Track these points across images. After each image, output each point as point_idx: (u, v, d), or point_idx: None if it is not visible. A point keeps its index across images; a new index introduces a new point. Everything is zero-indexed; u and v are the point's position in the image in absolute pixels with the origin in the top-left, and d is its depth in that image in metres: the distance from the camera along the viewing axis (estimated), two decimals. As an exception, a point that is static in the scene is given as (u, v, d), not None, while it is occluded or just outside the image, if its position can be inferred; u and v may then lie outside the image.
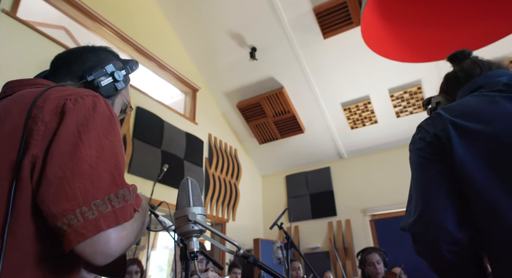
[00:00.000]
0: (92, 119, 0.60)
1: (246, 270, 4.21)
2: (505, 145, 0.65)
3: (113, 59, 0.83)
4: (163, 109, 4.40)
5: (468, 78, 0.87)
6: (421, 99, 4.77)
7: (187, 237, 0.65)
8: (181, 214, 0.65)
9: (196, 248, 0.66)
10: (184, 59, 5.14)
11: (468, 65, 0.89)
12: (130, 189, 0.59)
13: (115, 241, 0.54)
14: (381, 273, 2.48)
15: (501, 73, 0.81)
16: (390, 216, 5.04)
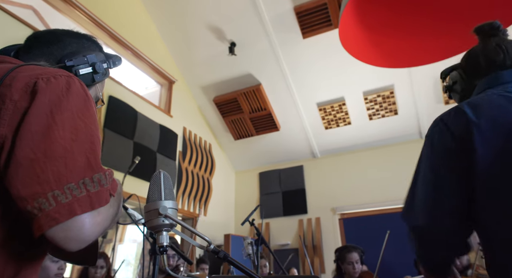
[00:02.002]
0: (66, 100, 0.57)
1: (215, 265, 4.20)
2: None
3: (96, 50, 0.80)
4: (137, 100, 4.28)
5: (489, 65, 0.81)
6: (393, 103, 4.94)
7: (157, 231, 0.64)
8: (152, 207, 0.64)
9: (166, 242, 0.65)
10: (161, 49, 5.02)
11: (491, 48, 0.83)
12: (106, 173, 0.57)
13: (89, 227, 0.52)
14: (358, 272, 2.54)
15: None
16: (358, 215, 5.20)
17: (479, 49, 0.85)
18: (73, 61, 0.72)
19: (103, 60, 0.78)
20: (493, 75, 0.79)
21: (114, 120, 3.76)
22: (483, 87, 0.80)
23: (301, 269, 5.06)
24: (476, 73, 0.84)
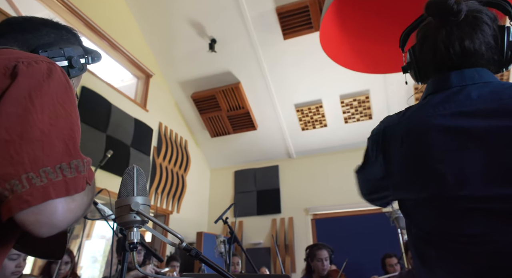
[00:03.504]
0: (47, 86, 0.55)
1: (186, 263, 4.16)
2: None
3: (75, 44, 0.77)
4: (111, 92, 4.15)
5: (437, 61, 0.76)
6: (368, 108, 5.09)
7: (127, 227, 0.63)
8: (123, 203, 0.62)
9: (137, 239, 0.63)
10: (140, 42, 4.90)
11: (442, 45, 0.74)
12: (84, 160, 0.56)
13: (62, 212, 0.50)
14: (326, 269, 2.60)
15: (478, 77, 0.71)
16: (330, 216, 5.32)
17: (431, 37, 0.77)
18: (47, 52, 0.69)
19: (81, 54, 0.76)
20: (440, 78, 0.75)
21: (86, 112, 3.63)
22: (429, 90, 0.76)
23: (272, 268, 5.11)
24: (426, 66, 0.80)
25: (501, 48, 0.72)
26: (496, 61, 0.74)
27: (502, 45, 0.72)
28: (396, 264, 3.25)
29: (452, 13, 0.71)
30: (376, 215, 4.74)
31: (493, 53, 0.73)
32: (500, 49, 0.72)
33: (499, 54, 0.73)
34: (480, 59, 0.73)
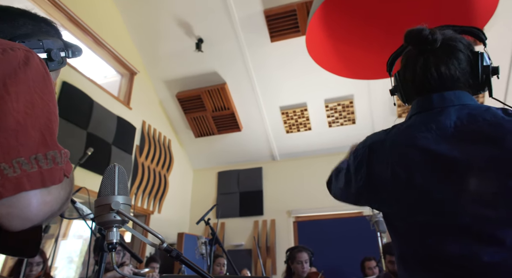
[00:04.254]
0: (23, 74, 0.53)
1: (166, 264, 4.10)
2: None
3: (55, 37, 0.73)
4: (94, 88, 4.05)
5: (419, 87, 0.82)
6: (351, 113, 5.17)
7: (107, 227, 0.61)
8: (103, 202, 0.61)
9: (116, 239, 0.62)
10: (125, 38, 4.81)
11: (422, 72, 0.81)
12: (62, 151, 0.54)
13: (37, 205, 0.47)
14: (306, 271, 2.62)
15: (456, 99, 0.76)
16: (312, 219, 5.36)
17: (411, 64, 0.83)
18: (25, 43, 0.66)
19: (61, 48, 0.72)
20: (423, 99, 0.80)
21: (66, 108, 3.53)
22: (413, 111, 0.82)
23: (253, 270, 5.10)
24: (408, 87, 0.86)
25: (476, 72, 0.78)
26: (472, 85, 0.79)
27: (476, 70, 0.78)
28: (375, 267, 3.31)
29: (428, 42, 0.79)
30: (357, 219, 4.81)
31: (469, 77, 0.79)
32: (475, 73, 0.78)
33: (474, 78, 0.79)
34: (457, 83, 0.78)
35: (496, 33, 4.09)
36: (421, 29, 0.80)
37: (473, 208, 0.66)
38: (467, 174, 0.67)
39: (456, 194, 0.68)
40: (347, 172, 0.88)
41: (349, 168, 0.87)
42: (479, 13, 2.31)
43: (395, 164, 0.75)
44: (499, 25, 4.03)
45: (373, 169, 0.79)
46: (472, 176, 0.67)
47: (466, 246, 0.66)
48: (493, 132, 0.67)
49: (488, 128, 0.68)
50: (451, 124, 0.72)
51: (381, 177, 0.77)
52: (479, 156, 0.67)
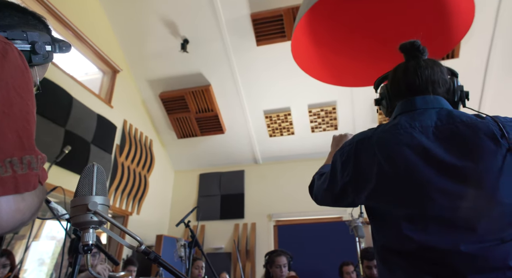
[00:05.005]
0: (0, 68, 0.49)
1: (143, 266, 4.02)
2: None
3: (43, 31, 0.70)
4: (74, 85, 3.94)
5: (406, 89, 0.92)
6: (334, 119, 5.25)
7: (83, 228, 0.59)
8: (80, 202, 0.59)
9: (92, 240, 0.60)
10: (108, 35, 4.72)
11: (410, 72, 0.92)
12: (39, 156, 0.51)
13: (8, 212, 0.44)
14: (284, 275, 2.63)
15: (437, 103, 0.86)
16: (292, 223, 5.39)
17: (401, 71, 0.95)
18: (7, 33, 0.62)
19: (48, 42, 0.69)
20: (407, 101, 0.90)
21: (44, 104, 3.42)
22: (398, 111, 0.91)
23: (233, 274, 5.07)
24: (397, 94, 0.96)
25: (453, 90, 0.91)
26: (448, 98, 0.91)
27: (453, 87, 0.92)
28: (353, 272, 3.35)
29: (419, 50, 0.94)
30: (336, 224, 4.88)
31: (447, 90, 0.91)
32: (452, 90, 0.91)
33: (451, 95, 0.91)
34: (438, 89, 0.89)
35: (471, 47, 4.27)
36: (414, 40, 0.95)
37: (452, 201, 0.72)
38: (448, 168, 0.74)
39: (438, 187, 0.74)
40: (333, 170, 0.93)
41: (335, 165, 0.91)
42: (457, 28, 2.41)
43: (382, 158, 0.80)
44: (475, 38, 4.21)
45: (360, 164, 0.85)
46: (452, 170, 0.74)
47: (447, 238, 0.71)
48: (469, 131, 0.75)
49: (464, 128, 0.76)
50: (432, 124, 0.80)
51: (368, 171, 0.82)
52: (456, 152, 0.74)
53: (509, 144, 0.71)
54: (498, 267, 0.68)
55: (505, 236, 0.69)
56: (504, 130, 0.73)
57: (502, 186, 0.70)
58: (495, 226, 0.70)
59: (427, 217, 0.74)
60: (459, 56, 4.35)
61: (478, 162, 0.72)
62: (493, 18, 4.04)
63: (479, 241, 0.69)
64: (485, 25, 4.09)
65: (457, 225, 0.72)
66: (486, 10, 3.97)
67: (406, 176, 0.77)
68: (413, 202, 0.76)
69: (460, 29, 2.39)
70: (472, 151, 0.73)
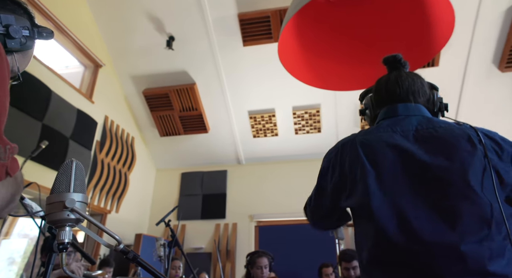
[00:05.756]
0: None
1: (121, 265, 3.93)
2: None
3: (22, 16, 0.65)
4: (53, 78, 3.82)
5: (388, 98, 0.97)
6: (317, 121, 5.31)
7: (59, 225, 0.58)
8: (57, 199, 0.57)
9: (68, 239, 0.58)
10: (91, 29, 4.60)
11: (392, 82, 0.98)
12: (7, 147, 0.48)
13: None
14: (265, 276, 2.63)
15: (417, 110, 0.91)
16: (274, 224, 5.41)
17: (383, 82, 1.00)
18: None
19: (26, 26, 0.64)
20: (389, 107, 0.95)
21: (20, 96, 3.29)
22: (381, 117, 0.96)
23: (212, 274, 5.04)
24: (380, 102, 1.01)
25: (432, 101, 0.97)
26: (429, 108, 0.96)
27: (433, 99, 0.98)
28: (331, 274, 3.39)
29: (400, 62, 1.01)
30: (316, 224, 4.92)
31: (427, 101, 0.97)
32: (432, 101, 0.97)
33: (431, 105, 0.97)
34: (418, 98, 0.95)
35: (450, 56, 4.42)
36: (396, 54, 1.03)
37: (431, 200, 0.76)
38: (427, 168, 0.78)
39: (417, 187, 0.78)
40: (320, 178, 0.95)
41: (323, 173, 0.94)
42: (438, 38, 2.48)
43: (365, 158, 0.84)
44: (454, 48, 4.36)
45: (345, 165, 0.88)
46: (431, 169, 0.78)
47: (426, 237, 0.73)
48: (447, 134, 0.81)
49: (443, 131, 0.82)
50: (412, 128, 0.85)
51: (353, 171, 0.85)
52: (435, 153, 0.79)
53: (485, 149, 0.75)
54: (476, 270, 0.68)
55: (483, 237, 0.70)
56: (480, 137, 0.78)
57: (479, 185, 0.73)
58: (473, 226, 0.71)
59: (407, 217, 0.76)
60: (439, 65, 4.49)
61: (455, 161, 0.76)
62: (471, 29, 4.20)
63: (458, 242, 0.70)
64: (463, 36, 4.24)
65: (436, 225, 0.73)
66: (464, 22, 4.12)
67: (388, 173, 0.80)
68: (395, 199, 0.79)
69: (441, 39, 2.47)
70: (450, 151, 0.78)
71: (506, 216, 0.72)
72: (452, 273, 0.69)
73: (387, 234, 0.76)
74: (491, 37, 4.25)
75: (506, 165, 0.76)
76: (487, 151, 0.76)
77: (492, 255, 0.69)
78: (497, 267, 0.68)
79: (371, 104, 1.04)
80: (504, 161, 0.76)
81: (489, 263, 0.68)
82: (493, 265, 0.68)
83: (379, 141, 0.85)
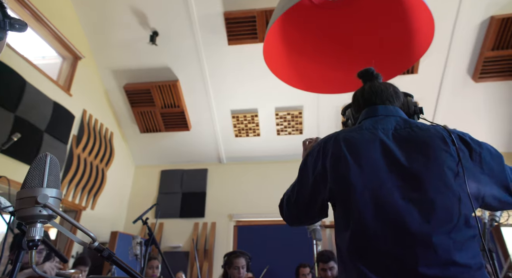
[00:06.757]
0: None
1: (95, 264, 3.83)
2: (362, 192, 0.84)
3: None
4: (28, 68, 3.67)
5: (365, 104, 1.05)
6: (300, 123, 5.36)
7: (29, 222, 0.55)
8: (28, 194, 0.55)
9: (39, 236, 0.56)
10: (71, 19, 4.45)
11: (367, 91, 1.05)
12: None
13: None
14: (242, 277, 2.62)
15: (396, 112, 0.99)
16: (253, 224, 5.41)
17: (359, 93, 1.08)
18: None
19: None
20: (370, 108, 1.02)
21: (-7, 86, 3.15)
22: (362, 117, 1.02)
23: (189, 273, 4.99)
24: (359, 110, 1.08)
25: (408, 105, 1.06)
26: (405, 113, 1.03)
27: (408, 103, 1.07)
28: (308, 274, 3.43)
29: (373, 75, 1.11)
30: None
31: (402, 105, 1.04)
32: (407, 105, 1.06)
33: (407, 108, 1.06)
34: (395, 102, 1.02)
35: (429, 64, 4.57)
36: (369, 68, 1.12)
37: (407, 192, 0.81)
38: (403, 164, 0.84)
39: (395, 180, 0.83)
40: (302, 172, 0.98)
41: (305, 166, 0.98)
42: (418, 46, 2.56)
43: (348, 152, 0.88)
44: (432, 56, 4.50)
45: (327, 158, 0.92)
46: (406, 166, 0.83)
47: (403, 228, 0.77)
48: (423, 134, 0.87)
49: (419, 131, 0.88)
50: (392, 127, 0.92)
51: (334, 164, 0.89)
52: (412, 150, 0.85)
53: (457, 149, 0.83)
54: (444, 260, 0.73)
55: (451, 229, 0.76)
56: (453, 137, 0.85)
57: (452, 181, 0.79)
58: (444, 219, 0.76)
59: (385, 209, 0.80)
60: (418, 73, 4.63)
61: (430, 158, 0.82)
62: (449, 40, 4.35)
63: (431, 233, 0.75)
64: (441, 46, 4.39)
65: (412, 217, 0.77)
66: (442, 33, 4.26)
67: (369, 169, 0.85)
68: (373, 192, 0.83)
69: (421, 47, 2.55)
70: (425, 149, 0.84)
71: (472, 212, 0.79)
72: (425, 263, 0.73)
73: (366, 224, 0.80)
74: (467, 49, 4.43)
75: (474, 164, 0.83)
76: (458, 150, 0.83)
77: (458, 246, 0.74)
78: (461, 258, 0.73)
79: (351, 115, 1.11)
80: (474, 160, 0.84)
81: (455, 253, 0.73)
82: (459, 256, 0.73)
83: (361, 137, 0.91)
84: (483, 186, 0.83)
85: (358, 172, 0.85)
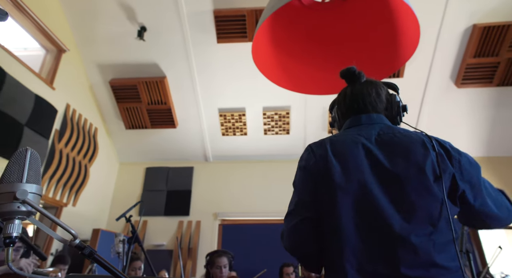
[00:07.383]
0: None
1: (77, 261, 3.75)
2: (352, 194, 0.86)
3: None
4: (8, 59, 3.56)
5: (348, 112, 1.05)
6: (287, 123, 5.38)
7: (7, 218, 0.53)
8: (6, 189, 0.53)
9: (17, 232, 0.54)
10: (56, 11, 4.34)
11: (349, 98, 1.05)
12: None
13: None
14: (225, 276, 2.61)
15: (379, 119, 1.00)
16: (238, 223, 5.40)
17: (342, 97, 1.08)
18: None
19: None
20: (354, 118, 1.04)
21: (-28, 77, 3.04)
22: (346, 126, 1.04)
23: (172, 272, 4.94)
24: (344, 115, 1.10)
25: (391, 106, 1.05)
26: (387, 115, 1.04)
27: (391, 104, 1.05)
28: (292, 273, 3.45)
29: (354, 75, 1.08)
30: (280, 225, 4.98)
31: (385, 108, 1.04)
32: (390, 107, 1.05)
33: (390, 111, 1.04)
34: (377, 108, 1.03)
35: (414, 68, 4.67)
36: (350, 67, 1.08)
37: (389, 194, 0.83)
38: (385, 167, 0.86)
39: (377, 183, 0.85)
40: (298, 181, 0.96)
41: (300, 175, 0.96)
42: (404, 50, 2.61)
43: (332, 154, 0.91)
44: (417, 61, 4.60)
45: (315, 161, 0.93)
46: (389, 168, 0.86)
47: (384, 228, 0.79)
48: (405, 139, 0.90)
49: (401, 136, 0.91)
50: (375, 133, 0.94)
51: (320, 166, 0.91)
52: (394, 154, 0.88)
53: (437, 154, 0.85)
54: (425, 261, 0.75)
55: (432, 231, 0.78)
56: (433, 143, 0.88)
57: (431, 185, 0.81)
58: (424, 221, 0.79)
59: (367, 208, 0.82)
60: (403, 76, 4.72)
61: (411, 162, 0.84)
62: (433, 45, 4.45)
63: (410, 234, 0.77)
64: (426, 51, 4.49)
65: (394, 218, 0.79)
66: (427, 38, 4.36)
67: (353, 170, 0.87)
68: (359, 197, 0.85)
69: (406, 52, 2.60)
70: (407, 154, 0.86)
71: (452, 215, 0.81)
72: (407, 264, 0.75)
73: (349, 223, 0.82)
74: (450, 55, 4.54)
75: (455, 170, 0.86)
76: (438, 156, 0.85)
77: (438, 248, 0.76)
78: (441, 260, 0.75)
79: (337, 117, 1.12)
80: (454, 166, 0.86)
81: (436, 255, 0.75)
82: (439, 258, 0.75)
83: (346, 140, 0.94)
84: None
85: (342, 173, 0.87)
